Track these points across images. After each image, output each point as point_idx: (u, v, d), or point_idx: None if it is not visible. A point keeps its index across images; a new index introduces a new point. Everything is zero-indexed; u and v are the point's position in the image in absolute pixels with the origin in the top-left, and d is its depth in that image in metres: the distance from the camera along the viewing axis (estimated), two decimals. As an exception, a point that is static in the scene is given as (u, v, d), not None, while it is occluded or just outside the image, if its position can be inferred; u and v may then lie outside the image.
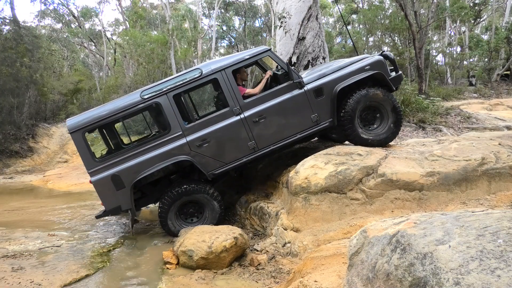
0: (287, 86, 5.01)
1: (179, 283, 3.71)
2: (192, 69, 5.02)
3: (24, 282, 3.66)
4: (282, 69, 5.18)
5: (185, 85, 4.92)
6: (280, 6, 8.62)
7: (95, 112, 4.91)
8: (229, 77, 4.94)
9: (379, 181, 4.24)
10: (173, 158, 4.84)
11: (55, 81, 18.49)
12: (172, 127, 4.87)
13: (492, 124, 9.59)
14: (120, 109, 4.84)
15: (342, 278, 2.56)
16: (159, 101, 4.86)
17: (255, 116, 4.92)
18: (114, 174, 4.78)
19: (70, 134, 4.85)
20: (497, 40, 21.63)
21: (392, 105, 5.10)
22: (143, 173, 4.78)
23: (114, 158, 4.85)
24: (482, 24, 30.46)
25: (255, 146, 4.98)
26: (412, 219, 1.89)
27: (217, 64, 4.99)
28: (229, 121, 4.90)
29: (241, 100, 4.95)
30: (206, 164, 4.93)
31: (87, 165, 4.83)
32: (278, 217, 4.61)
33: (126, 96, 5.04)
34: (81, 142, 4.82)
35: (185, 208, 5.06)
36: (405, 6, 14.41)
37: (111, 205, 4.88)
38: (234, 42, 30.57)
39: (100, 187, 4.81)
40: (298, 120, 5.05)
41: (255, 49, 5.18)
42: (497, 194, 4.24)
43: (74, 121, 4.88)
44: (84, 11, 28.47)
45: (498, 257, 1.39)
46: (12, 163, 12.95)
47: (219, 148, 4.92)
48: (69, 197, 8.52)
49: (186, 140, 4.87)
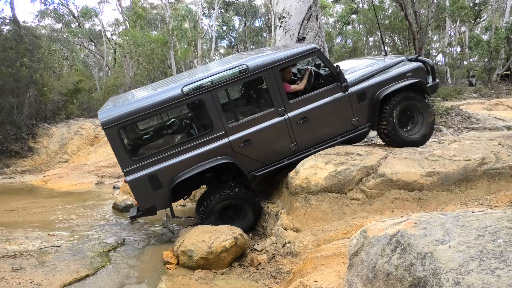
0: (332, 88, 4.89)
1: (179, 283, 3.71)
2: (238, 65, 4.70)
3: (24, 282, 3.66)
4: (326, 69, 5.06)
5: (230, 82, 4.66)
6: (280, 6, 8.61)
7: (132, 106, 4.48)
8: (276, 76, 4.72)
9: (379, 181, 4.24)
10: (215, 159, 4.59)
11: (55, 81, 18.47)
12: (215, 126, 4.60)
13: (492, 124, 9.59)
14: (160, 104, 4.48)
15: (342, 278, 2.56)
16: (203, 98, 4.56)
17: (299, 117, 4.78)
18: (151, 174, 4.50)
19: (104, 130, 4.42)
20: (497, 40, 21.61)
21: (428, 108, 5.19)
22: (183, 174, 4.51)
23: (152, 157, 4.53)
24: (482, 24, 30.45)
25: (296, 148, 4.87)
26: (412, 219, 1.89)
27: (264, 60, 4.71)
28: (273, 122, 4.73)
29: (286, 100, 4.75)
30: (248, 165, 4.74)
31: (122, 164, 4.49)
32: (278, 217, 4.61)
33: (165, 89, 4.63)
34: (116, 139, 4.42)
35: (225, 210, 4.86)
36: (405, 6, 14.40)
37: (146, 205, 4.63)
38: (234, 42, 30.58)
39: (136, 187, 4.52)
40: (339, 123, 4.99)
41: (303, 46, 4.97)
42: (497, 194, 4.24)
43: (109, 115, 4.43)
44: (84, 11, 28.46)
45: (498, 257, 1.39)
46: (12, 163, 12.93)
47: (261, 149, 4.74)
48: (69, 197, 8.51)
49: (228, 140, 4.63)
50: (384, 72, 5.16)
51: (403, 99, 5.01)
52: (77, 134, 15.82)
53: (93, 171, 10.88)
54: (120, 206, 6.76)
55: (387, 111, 4.96)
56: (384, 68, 5.21)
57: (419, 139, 5.16)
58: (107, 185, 9.58)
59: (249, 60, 4.74)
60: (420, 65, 5.26)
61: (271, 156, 4.83)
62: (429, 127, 5.25)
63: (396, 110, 4.99)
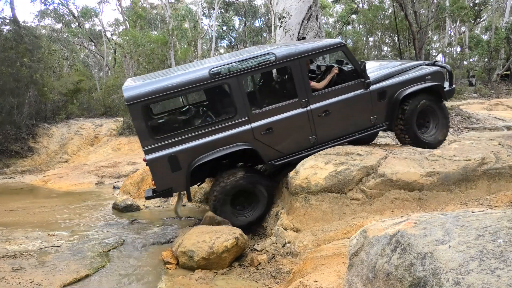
0: (355, 85, 4.95)
1: (179, 283, 3.71)
2: (265, 52, 4.69)
3: (24, 282, 3.66)
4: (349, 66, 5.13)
5: (257, 69, 4.67)
6: (280, 6, 8.61)
7: (158, 84, 4.46)
8: (302, 66, 4.77)
9: (379, 181, 4.24)
10: (236, 145, 4.57)
11: (55, 81, 18.47)
12: (239, 111, 4.58)
13: (492, 124, 9.59)
14: (186, 84, 4.46)
15: (342, 278, 2.56)
16: (229, 82, 4.54)
17: (321, 110, 4.83)
18: (171, 154, 4.45)
19: (128, 105, 4.37)
20: (497, 40, 21.61)
21: (444, 111, 5.30)
22: (203, 157, 4.48)
23: (173, 137, 4.49)
24: (482, 24, 30.44)
25: (315, 140, 4.90)
26: (412, 219, 1.89)
27: (292, 50, 4.74)
28: (295, 112, 4.75)
29: (310, 92, 4.79)
30: (267, 154, 4.74)
31: (143, 141, 4.43)
32: (278, 217, 4.61)
33: (192, 70, 4.61)
34: (139, 116, 4.37)
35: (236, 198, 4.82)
36: (405, 6, 14.40)
37: (163, 186, 4.57)
38: (234, 42, 30.57)
39: (155, 167, 4.47)
40: (359, 120, 5.05)
41: (329, 41, 5.05)
42: (497, 194, 4.24)
43: (134, 91, 4.39)
44: (84, 11, 28.47)
45: (498, 257, 1.39)
46: (12, 163, 12.94)
47: (282, 138, 4.75)
48: (69, 197, 8.52)
49: (251, 127, 4.63)
50: (404, 73, 5.26)
51: (422, 101, 5.10)
52: (77, 134, 15.82)
53: (93, 171, 10.89)
54: (120, 206, 6.76)
55: (407, 111, 5.05)
56: (403, 70, 5.31)
57: (435, 141, 5.27)
58: (107, 185, 9.58)
59: (277, 48, 4.76)
60: (439, 69, 5.39)
61: (290, 147, 4.84)
62: (445, 130, 5.38)
63: (415, 111, 5.08)
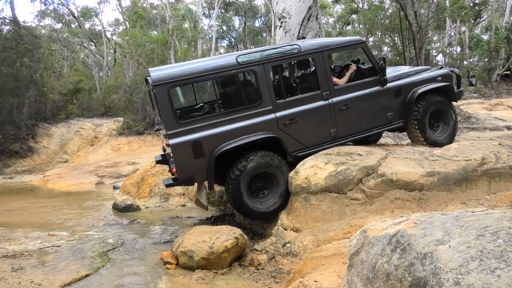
0: (373, 81, 5.15)
1: (179, 283, 3.71)
2: (290, 44, 4.91)
3: (24, 282, 3.66)
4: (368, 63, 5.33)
5: (282, 58, 4.79)
6: (280, 6, 8.61)
7: (185, 68, 4.51)
8: (325, 59, 4.92)
9: (379, 181, 4.24)
10: (260, 133, 4.56)
11: (55, 81, 18.48)
12: (264, 99, 4.63)
13: (492, 124, 9.58)
14: (213, 69, 4.49)
15: (342, 278, 2.55)
16: (256, 70, 4.60)
17: (342, 103, 4.95)
18: (196, 140, 4.37)
19: (154, 87, 4.32)
20: (497, 40, 21.62)
21: (453, 111, 5.55)
22: (227, 145, 4.42)
23: (198, 122, 4.45)
24: (482, 24, 30.45)
25: (336, 134, 4.99)
26: (412, 219, 1.89)
27: (315, 44, 4.95)
28: (318, 104, 4.85)
29: (332, 85, 4.93)
30: (290, 144, 4.74)
31: (168, 125, 4.34)
32: (278, 217, 4.61)
33: (219, 57, 4.74)
34: (165, 98, 4.32)
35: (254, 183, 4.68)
36: (405, 6, 14.40)
37: (185, 174, 4.45)
38: (234, 42, 30.59)
39: (179, 152, 4.36)
40: (377, 115, 5.21)
41: (349, 38, 5.31)
42: (497, 194, 4.24)
43: (161, 73, 4.39)
44: (84, 11, 28.49)
45: (498, 257, 1.39)
46: (12, 163, 12.94)
47: (304, 130, 4.81)
48: (69, 197, 8.52)
49: (275, 116, 4.66)
50: (417, 74, 5.57)
51: (435, 102, 5.33)
52: (77, 134, 15.83)
53: (93, 171, 10.89)
54: (120, 206, 6.76)
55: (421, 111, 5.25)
56: (416, 71, 5.64)
57: (445, 140, 5.46)
58: (107, 185, 9.59)
59: (302, 42, 4.99)
60: (448, 71, 5.74)
61: (312, 138, 4.90)
62: (454, 130, 5.62)
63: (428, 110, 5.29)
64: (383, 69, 5.11)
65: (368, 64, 5.41)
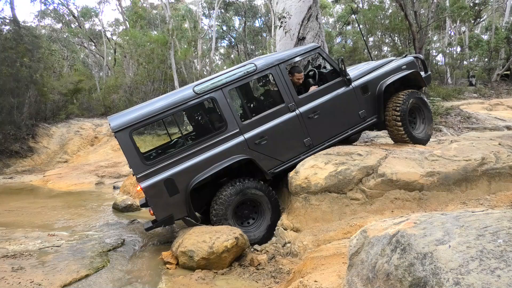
0: (337, 83, 5.13)
1: (179, 283, 3.71)
2: (246, 63, 4.93)
3: (24, 282, 3.66)
4: (329, 66, 5.35)
5: (240, 80, 4.77)
6: (280, 6, 8.61)
7: (144, 110, 4.46)
8: (283, 72, 4.93)
9: (379, 181, 4.24)
10: (233, 157, 4.52)
11: (55, 81, 18.49)
12: (229, 124, 4.62)
13: (492, 124, 9.59)
14: (171, 106, 4.47)
15: (342, 278, 2.56)
16: (215, 96, 4.60)
17: (310, 111, 4.92)
18: (167, 178, 4.32)
19: (115, 133, 4.32)
20: (497, 40, 21.63)
21: (426, 105, 5.51)
22: (200, 176, 4.38)
23: (166, 160, 4.40)
24: (482, 24, 30.44)
25: (311, 143, 4.95)
26: (412, 219, 1.89)
27: (270, 59, 4.97)
28: (285, 117, 4.83)
29: (296, 96, 4.92)
30: (265, 163, 4.70)
31: (135, 168, 4.32)
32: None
33: (176, 91, 4.70)
34: (128, 143, 4.31)
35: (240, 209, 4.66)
36: (405, 6, 14.40)
37: (163, 214, 4.40)
38: (234, 42, 30.57)
39: (152, 194, 4.32)
40: (349, 116, 5.19)
41: (305, 46, 5.33)
42: (497, 194, 4.24)
43: (119, 120, 4.37)
44: (84, 11, 28.48)
45: (498, 257, 1.39)
46: (12, 163, 12.95)
47: (277, 145, 4.77)
48: (69, 197, 8.52)
49: (244, 138, 4.64)
50: (380, 68, 5.53)
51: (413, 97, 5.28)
52: (77, 134, 15.83)
53: (93, 171, 10.90)
54: (120, 206, 6.77)
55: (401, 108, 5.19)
56: (378, 66, 5.58)
57: (427, 138, 5.47)
58: (107, 185, 9.59)
59: (257, 59, 5.00)
60: (412, 59, 5.72)
61: (287, 152, 4.84)
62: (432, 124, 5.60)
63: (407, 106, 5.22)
64: (343, 69, 5.07)
65: (329, 67, 5.40)
